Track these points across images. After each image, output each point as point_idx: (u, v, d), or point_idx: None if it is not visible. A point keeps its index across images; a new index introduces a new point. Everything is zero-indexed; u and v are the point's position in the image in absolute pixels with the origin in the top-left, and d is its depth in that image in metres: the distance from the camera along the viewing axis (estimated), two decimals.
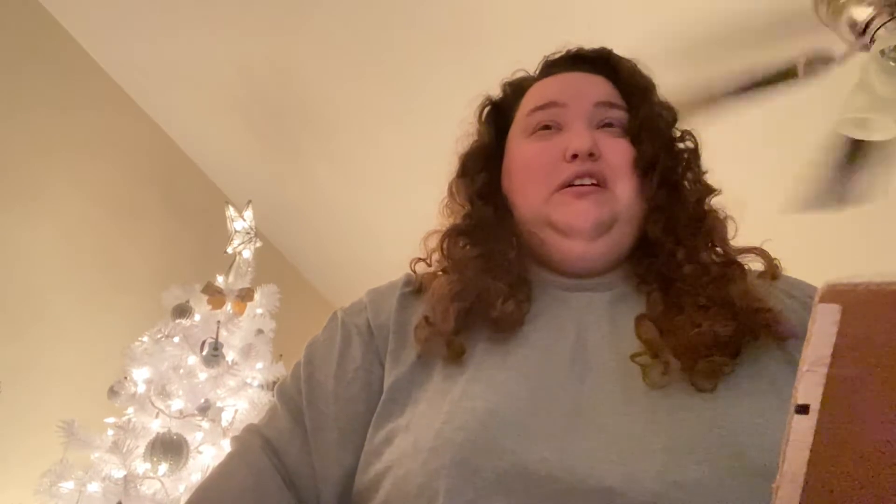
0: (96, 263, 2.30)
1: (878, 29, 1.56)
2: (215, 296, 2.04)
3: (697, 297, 0.56)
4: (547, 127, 0.67)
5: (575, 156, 0.63)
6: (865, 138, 1.71)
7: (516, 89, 0.75)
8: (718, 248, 0.62)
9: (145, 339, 1.89)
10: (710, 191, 0.67)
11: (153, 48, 2.33)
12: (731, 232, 0.65)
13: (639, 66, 0.72)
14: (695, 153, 0.68)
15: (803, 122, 1.97)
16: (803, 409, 0.26)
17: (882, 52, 1.53)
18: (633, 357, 0.53)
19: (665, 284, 0.60)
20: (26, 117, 2.10)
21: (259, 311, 2.11)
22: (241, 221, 2.28)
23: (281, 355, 2.13)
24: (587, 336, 0.57)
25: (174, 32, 2.25)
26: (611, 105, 0.67)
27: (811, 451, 0.27)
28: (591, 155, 0.63)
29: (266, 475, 0.57)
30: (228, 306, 2.04)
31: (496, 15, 2.06)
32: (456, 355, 0.57)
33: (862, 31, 1.60)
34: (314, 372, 0.63)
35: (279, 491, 0.57)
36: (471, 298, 0.60)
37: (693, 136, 0.69)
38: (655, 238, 0.63)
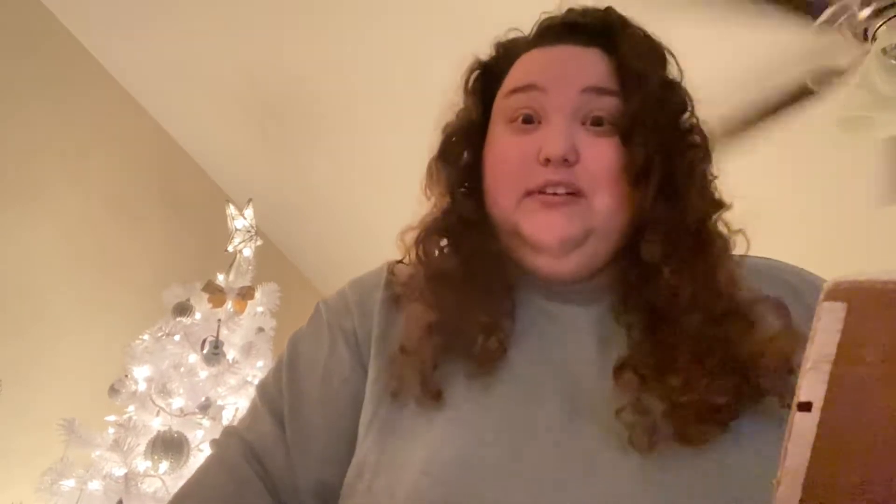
0: (97, 262, 2.30)
1: (880, 27, 1.55)
2: (216, 294, 2.04)
3: (695, 344, 0.49)
4: (527, 118, 0.57)
5: (547, 160, 0.54)
6: (865, 137, 1.70)
7: (508, 52, 0.64)
8: (722, 283, 0.52)
9: (146, 337, 1.89)
10: (719, 206, 0.56)
11: (153, 46, 2.32)
12: (742, 248, 0.56)
13: (649, 34, 0.60)
14: (704, 153, 0.57)
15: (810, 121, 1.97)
16: (806, 407, 0.26)
17: (883, 51, 1.53)
18: (617, 413, 0.48)
19: (653, 318, 0.52)
20: (26, 116, 2.10)
21: (259, 309, 2.11)
22: (241, 220, 2.28)
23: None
24: (574, 367, 0.52)
25: (174, 31, 2.25)
26: (600, 91, 0.55)
27: (813, 447, 0.26)
28: (565, 160, 0.54)
29: (247, 484, 0.55)
30: (229, 305, 2.04)
31: (501, 15, 2.05)
32: (432, 399, 0.51)
33: (863, 29, 1.60)
34: (298, 379, 0.59)
35: (259, 499, 0.54)
36: (449, 332, 0.53)
37: (702, 131, 0.58)
38: (651, 262, 0.53)
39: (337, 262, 3.53)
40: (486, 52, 0.67)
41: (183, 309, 1.98)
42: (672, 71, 0.59)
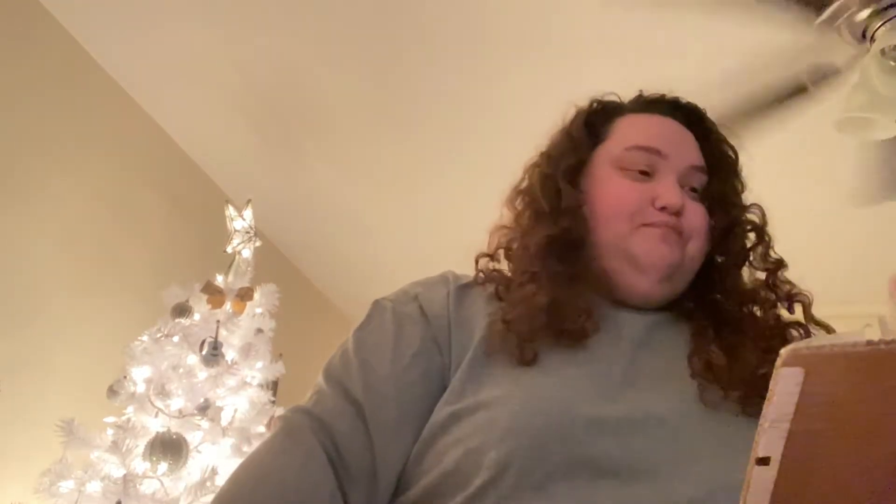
0: (95, 262, 2.30)
1: (878, 28, 1.56)
2: (215, 295, 2.04)
3: (758, 341, 0.62)
4: (643, 171, 0.71)
5: (664, 208, 0.68)
6: (865, 138, 1.71)
7: (608, 111, 0.79)
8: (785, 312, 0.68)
9: (145, 337, 1.89)
10: (781, 265, 0.71)
11: (152, 46, 2.32)
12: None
13: (725, 132, 0.77)
14: (762, 228, 0.73)
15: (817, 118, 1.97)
16: (764, 462, 0.28)
17: (882, 52, 1.53)
18: (693, 375, 0.60)
19: (719, 323, 0.66)
20: (24, 115, 2.10)
21: (258, 310, 2.11)
22: (240, 220, 2.28)
23: (281, 354, 2.13)
24: (637, 351, 0.63)
25: (173, 30, 2.25)
26: (700, 170, 0.72)
27: (771, 498, 0.28)
28: (677, 211, 0.68)
29: (312, 453, 0.58)
30: (228, 305, 2.04)
31: (499, 16, 2.05)
32: (527, 363, 0.60)
33: (862, 29, 1.60)
34: (368, 358, 0.65)
35: (324, 470, 0.58)
36: (554, 313, 0.63)
37: (760, 209, 0.74)
38: (731, 286, 0.70)
39: (336, 263, 3.53)
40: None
41: (182, 310, 1.98)
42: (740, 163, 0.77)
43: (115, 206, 2.41)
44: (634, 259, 0.68)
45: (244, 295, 2.08)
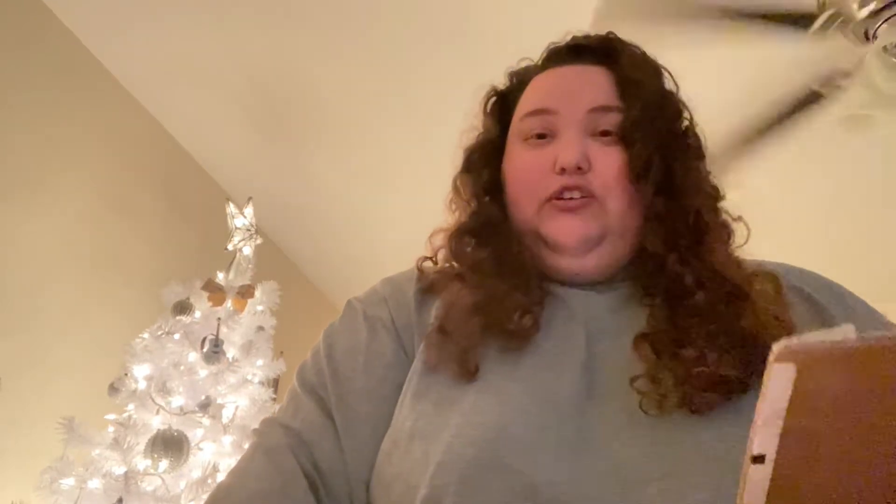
0: (97, 259, 2.30)
1: (881, 25, 1.55)
2: (216, 292, 2.04)
3: (708, 324, 0.53)
4: (541, 135, 0.64)
5: (564, 169, 0.60)
6: (868, 133, 1.70)
7: (521, 79, 0.72)
8: (721, 265, 0.58)
9: (146, 335, 1.89)
10: (716, 196, 0.62)
11: (153, 43, 2.32)
12: (742, 235, 0.61)
13: (645, 52, 0.67)
14: (698, 152, 0.64)
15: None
16: (759, 460, 0.28)
17: (884, 49, 1.53)
18: (632, 381, 0.52)
19: (670, 301, 0.57)
20: (25, 112, 2.10)
21: (259, 307, 2.11)
22: (241, 218, 2.28)
23: (282, 352, 2.13)
24: (594, 345, 0.56)
25: (174, 27, 2.25)
26: (605, 109, 0.62)
27: (767, 496, 0.28)
28: (579, 168, 0.60)
29: (293, 477, 0.55)
30: (229, 303, 2.04)
31: (498, 10, 2.05)
32: (469, 375, 0.55)
33: (864, 28, 1.59)
34: (339, 367, 0.61)
35: (305, 495, 0.55)
36: (489, 311, 0.58)
37: (696, 134, 0.64)
38: (655, 252, 0.59)
39: (336, 261, 3.53)
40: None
41: (183, 307, 1.98)
42: (668, 84, 0.66)
43: (116, 203, 2.41)
44: (545, 239, 0.61)
45: (245, 292, 2.09)
